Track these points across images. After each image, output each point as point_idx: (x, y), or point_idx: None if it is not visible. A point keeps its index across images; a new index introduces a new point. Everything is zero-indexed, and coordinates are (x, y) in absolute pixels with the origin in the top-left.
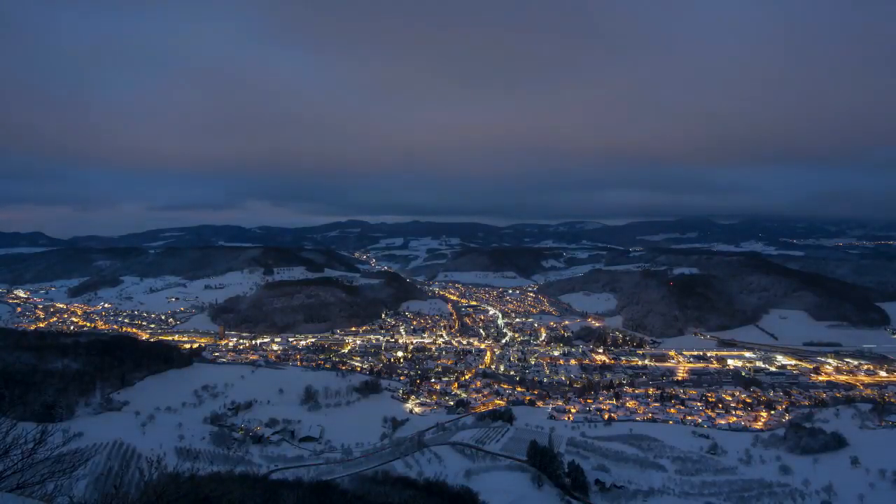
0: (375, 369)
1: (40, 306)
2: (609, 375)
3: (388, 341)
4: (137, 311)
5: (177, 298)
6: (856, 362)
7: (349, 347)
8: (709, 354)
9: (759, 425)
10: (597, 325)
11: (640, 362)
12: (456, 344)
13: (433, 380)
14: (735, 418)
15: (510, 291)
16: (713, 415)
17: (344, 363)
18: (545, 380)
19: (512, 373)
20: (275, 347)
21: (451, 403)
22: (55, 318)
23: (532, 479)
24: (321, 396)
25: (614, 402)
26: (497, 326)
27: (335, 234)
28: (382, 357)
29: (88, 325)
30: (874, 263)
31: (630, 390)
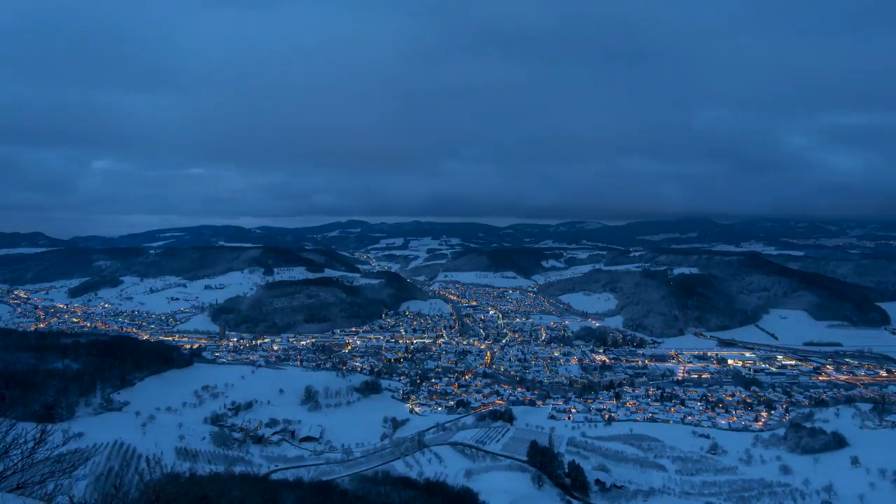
0: (376, 369)
1: (40, 306)
2: (609, 375)
3: (388, 341)
4: (138, 311)
5: (177, 299)
6: (856, 362)
7: (349, 347)
8: (709, 354)
9: (759, 425)
10: (597, 325)
11: (640, 362)
12: (456, 344)
13: (433, 380)
14: (735, 418)
15: (510, 291)
16: (713, 415)
17: (344, 363)
18: (545, 380)
19: (512, 373)
20: (275, 347)
21: (452, 403)
22: (55, 319)
23: (532, 479)
24: (321, 396)
25: (614, 402)
26: (497, 326)
27: (335, 234)
28: (383, 357)
29: (88, 325)
30: (874, 263)
31: (630, 390)
